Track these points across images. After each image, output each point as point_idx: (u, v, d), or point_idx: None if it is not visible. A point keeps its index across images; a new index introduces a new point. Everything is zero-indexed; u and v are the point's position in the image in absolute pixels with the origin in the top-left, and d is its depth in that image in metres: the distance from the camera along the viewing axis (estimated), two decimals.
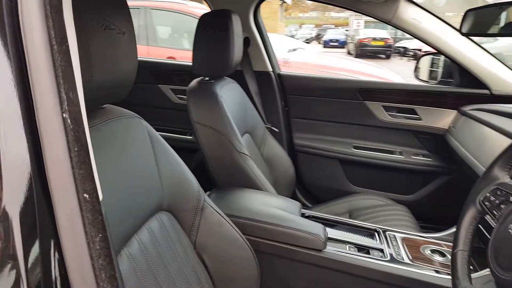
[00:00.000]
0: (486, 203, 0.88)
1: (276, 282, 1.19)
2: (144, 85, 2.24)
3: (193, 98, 1.42)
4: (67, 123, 0.37)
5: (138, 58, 2.36)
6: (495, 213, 0.84)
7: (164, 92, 2.22)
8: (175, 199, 0.97)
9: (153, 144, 0.94)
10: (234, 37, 1.47)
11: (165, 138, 2.24)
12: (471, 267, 0.87)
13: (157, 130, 2.27)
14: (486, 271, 0.96)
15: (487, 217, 0.91)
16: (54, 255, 0.38)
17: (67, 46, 0.39)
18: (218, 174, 1.46)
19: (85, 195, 0.38)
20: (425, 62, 2.07)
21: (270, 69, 2.05)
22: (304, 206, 2.06)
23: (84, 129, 0.39)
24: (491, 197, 0.87)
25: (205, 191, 1.38)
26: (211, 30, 1.45)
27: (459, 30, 1.40)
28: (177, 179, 0.99)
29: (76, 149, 0.37)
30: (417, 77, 2.02)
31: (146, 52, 4.50)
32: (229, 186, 1.42)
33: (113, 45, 0.72)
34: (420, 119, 1.87)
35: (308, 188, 2.14)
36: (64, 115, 0.37)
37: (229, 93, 1.57)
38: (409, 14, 1.64)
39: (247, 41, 1.99)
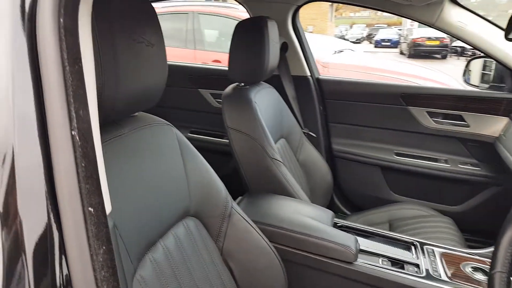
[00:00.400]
0: None
1: None
2: (185, 90, 2.30)
3: (227, 103, 1.44)
4: (76, 139, 0.39)
5: (180, 64, 2.45)
6: None
7: (204, 96, 2.27)
8: (203, 205, 0.99)
9: (182, 150, 0.97)
10: (269, 43, 1.47)
11: (204, 141, 2.31)
12: None
13: (197, 133, 2.35)
14: None
15: None
16: (61, 265, 0.40)
17: (80, 67, 0.42)
18: (250, 180, 1.47)
19: (90, 208, 0.40)
20: (476, 65, 1.94)
21: (308, 73, 2.02)
22: (342, 213, 2.02)
23: (93, 145, 0.42)
24: None
25: (239, 196, 1.40)
26: (247, 37, 1.46)
27: (505, 36, 1.30)
28: (205, 185, 1.00)
29: (83, 164, 0.40)
30: (466, 81, 1.91)
31: (193, 55, 4.62)
32: (261, 192, 1.43)
33: (141, 57, 0.75)
34: (467, 126, 1.76)
35: (347, 195, 2.09)
36: (73, 132, 0.39)
37: (264, 98, 1.57)
38: (454, 16, 1.55)
39: (285, 46, 1.98)
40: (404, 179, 1.94)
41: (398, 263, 1.15)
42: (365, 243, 1.23)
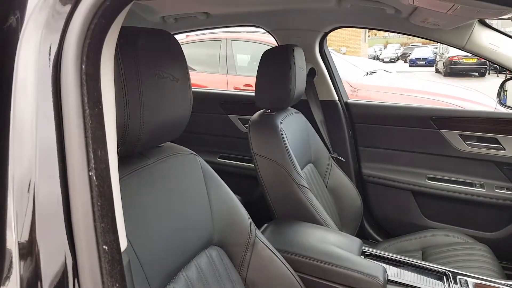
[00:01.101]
0: None
1: None
2: (215, 115, 2.37)
3: (254, 130, 1.48)
4: (93, 179, 0.42)
5: (212, 91, 2.53)
6: None
7: (233, 121, 2.32)
8: (226, 233, 1.00)
9: (206, 179, 0.99)
10: (295, 70, 1.50)
11: (233, 166, 2.35)
12: None
13: (226, 158, 2.39)
14: None
15: None
16: None
17: (100, 109, 0.45)
18: (276, 206, 1.47)
19: (104, 246, 0.41)
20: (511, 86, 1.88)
21: (336, 98, 2.03)
22: (373, 240, 1.97)
23: (110, 183, 0.44)
24: None
25: (266, 222, 1.41)
26: (273, 65, 1.50)
27: None
28: (229, 214, 1.01)
29: (99, 203, 0.42)
30: (501, 102, 1.84)
31: (225, 80, 4.75)
32: (287, 219, 1.43)
33: (165, 92, 0.79)
34: (503, 149, 1.69)
35: (378, 221, 2.04)
36: (90, 173, 0.42)
37: (291, 124, 1.59)
38: (485, 39, 1.53)
39: (313, 72, 2.01)
40: (437, 204, 1.88)
41: None
42: (394, 273, 1.20)
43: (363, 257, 1.24)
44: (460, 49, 1.60)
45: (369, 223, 2.03)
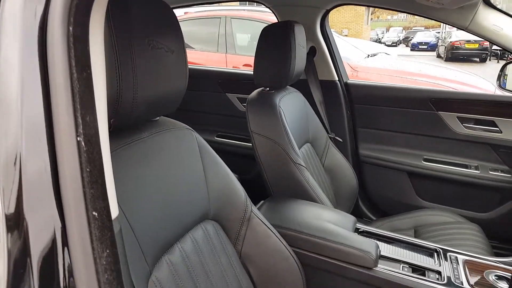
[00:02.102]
0: None
1: None
2: (214, 94, 2.36)
3: (251, 108, 1.48)
4: (81, 145, 0.41)
5: (210, 69, 2.50)
6: None
7: (231, 100, 2.32)
8: (222, 208, 1.01)
9: (202, 155, 1.00)
10: (295, 48, 1.49)
11: (230, 145, 2.35)
12: None
13: (223, 137, 2.39)
14: None
15: None
16: (65, 268, 0.42)
17: (89, 74, 0.44)
18: (273, 184, 1.49)
19: (94, 213, 0.41)
20: None
21: (336, 78, 2.02)
22: (367, 219, 2.00)
23: (99, 150, 0.43)
24: None
25: (262, 200, 1.43)
26: (273, 42, 1.49)
27: None
28: (225, 189, 1.02)
29: (88, 169, 0.41)
30: (501, 86, 1.84)
31: (224, 60, 4.70)
32: (283, 196, 1.44)
33: (160, 63, 0.78)
34: (500, 132, 1.71)
35: (373, 201, 2.07)
36: (78, 139, 0.41)
37: (289, 103, 1.59)
38: (489, 20, 1.51)
39: (313, 50, 2.00)
40: (432, 185, 1.91)
41: (419, 270, 1.14)
42: (386, 249, 1.22)
43: (357, 234, 1.26)
44: (463, 29, 1.59)
45: (364, 202, 2.06)
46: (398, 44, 27.25)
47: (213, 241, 0.97)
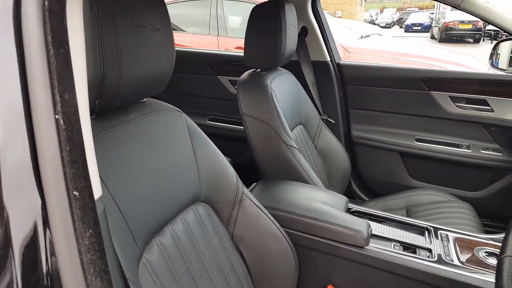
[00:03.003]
0: None
1: (315, 277, 1.19)
2: (204, 77, 2.33)
3: (242, 89, 1.46)
4: (60, 123, 0.39)
5: (200, 51, 2.45)
6: None
7: (223, 83, 2.29)
8: (213, 191, 1.01)
9: (192, 137, 0.98)
10: (286, 27, 1.46)
11: (223, 128, 2.33)
12: None
13: (216, 120, 2.37)
14: None
15: None
16: (46, 250, 0.41)
17: (66, 50, 0.42)
18: (265, 167, 1.48)
19: (75, 192, 0.40)
20: (505, 48, 1.87)
21: (328, 58, 2.00)
22: (360, 199, 2.01)
23: (79, 129, 0.42)
24: None
25: (255, 183, 1.43)
26: (262, 21, 1.46)
27: None
28: (215, 171, 1.02)
29: (68, 148, 0.39)
30: (493, 65, 1.84)
31: (215, 43, 4.64)
32: (275, 178, 1.44)
33: (145, 43, 0.76)
34: (491, 111, 1.71)
35: (365, 182, 2.08)
36: (56, 116, 0.39)
37: (281, 85, 1.58)
38: None
39: (305, 31, 1.97)
40: (423, 165, 1.91)
41: (410, 248, 1.15)
42: (377, 228, 1.23)
43: (348, 213, 1.27)
44: (455, 7, 1.56)
45: (356, 183, 2.07)
46: (392, 26, 27.11)
47: (205, 223, 0.96)
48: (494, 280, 0.96)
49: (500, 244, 1.12)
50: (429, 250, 1.12)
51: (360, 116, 2.03)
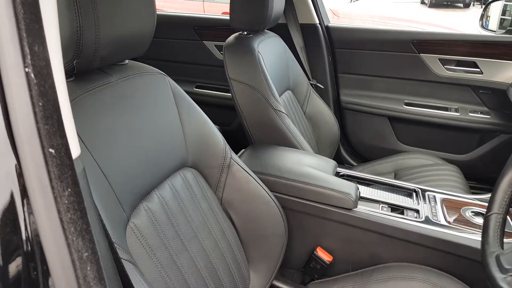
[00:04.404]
0: None
1: (304, 240, 1.20)
2: (189, 42, 2.26)
3: (229, 53, 1.42)
4: (30, 77, 0.37)
5: (184, 15, 2.35)
6: None
7: (209, 48, 2.23)
8: (201, 156, 0.99)
9: (177, 100, 0.95)
10: None
11: (211, 95, 2.29)
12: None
13: (203, 87, 2.32)
14: None
15: None
16: (25, 214, 0.40)
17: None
18: (253, 133, 1.46)
19: (50, 150, 0.38)
20: (495, 9, 1.84)
21: (317, 21, 1.95)
22: (349, 165, 2.02)
23: (52, 84, 0.39)
24: None
25: (243, 149, 1.41)
26: None
27: None
28: (203, 136, 1.00)
29: (40, 104, 0.37)
30: (483, 26, 1.81)
31: (201, 9, 4.50)
32: (264, 144, 1.43)
33: (125, 1, 0.72)
34: (480, 73, 1.70)
35: (354, 147, 2.08)
36: (26, 70, 0.37)
37: (268, 48, 1.53)
38: None
39: None
40: (412, 129, 1.92)
41: (398, 209, 1.16)
42: (366, 191, 1.24)
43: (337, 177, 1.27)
44: None
45: (345, 148, 2.07)
46: None
47: (193, 188, 0.96)
48: (480, 238, 0.98)
49: (486, 204, 1.14)
50: (417, 211, 1.14)
51: (349, 81, 2.01)
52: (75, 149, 0.44)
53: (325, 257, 1.17)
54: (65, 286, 0.41)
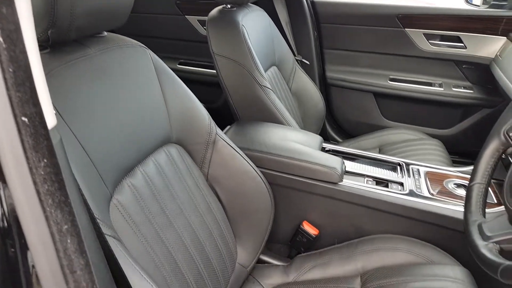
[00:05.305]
0: (511, 134, 0.81)
1: (291, 214, 1.21)
2: (171, 17, 2.19)
3: (212, 27, 1.38)
4: None
5: None
6: None
7: (192, 23, 2.17)
8: (185, 132, 0.97)
9: (159, 75, 0.93)
10: None
11: (194, 72, 2.25)
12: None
13: (186, 64, 2.27)
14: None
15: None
16: (1, 190, 0.38)
17: None
18: (239, 109, 1.44)
19: (23, 118, 0.36)
20: None
21: None
22: (334, 141, 2.03)
23: (23, 49, 0.37)
24: None
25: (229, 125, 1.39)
26: None
27: None
28: (186, 112, 0.97)
29: (11, 70, 0.35)
30: (467, 1, 1.81)
31: None
32: (249, 120, 1.41)
33: None
34: (464, 48, 1.70)
35: (339, 123, 2.09)
36: None
37: (253, 22, 1.50)
38: None
39: None
40: (397, 105, 1.93)
41: (383, 183, 1.17)
42: (351, 166, 1.24)
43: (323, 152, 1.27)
44: None
45: (330, 125, 2.07)
46: None
47: (178, 164, 0.94)
48: (462, 209, 1.00)
49: (468, 176, 1.16)
50: (401, 184, 1.15)
51: (335, 57, 1.99)
52: (50, 119, 0.42)
53: (311, 230, 1.18)
54: (44, 261, 0.39)
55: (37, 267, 0.40)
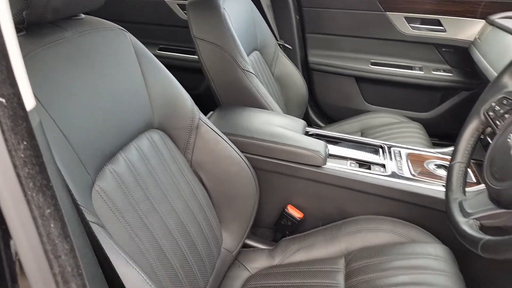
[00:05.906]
0: (490, 113, 0.82)
1: (275, 198, 1.22)
2: (149, 1, 2.14)
3: (193, 11, 1.35)
4: None
5: None
6: (498, 123, 0.79)
7: (171, 7, 2.12)
8: (168, 117, 0.95)
9: (140, 59, 0.90)
10: None
11: (175, 58, 2.20)
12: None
13: (166, 50, 2.22)
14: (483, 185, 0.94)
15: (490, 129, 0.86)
16: None
17: None
18: (221, 94, 1.43)
19: (1, 99, 0.35)
20: None
21: None
22: (316, 126, 2.04)
23: None
24: (496, 106, 0.81)
25: (212, 111, 1.38)
26: None
27: None
28: (169, 97, 0.96)
29: None
30: None
31: None
32: (232, 105, 1.40)
33: None
34: (444, 31, 1.72)
35: (322, 108, 2.10)
36: None
37: (235, 6, 1.48)
38: None
39: None
40: (378, 89, 1.95)
41: (365, 165, 1.19)
42: (334, 149, 1.25)
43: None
44: None
45: (313, 110, 2.08)
46: None
47: (161, 150, 0.93)
48: (442, 189, 1.03)
49: (448, 157, 1.18)
50: (383, 166, 1.17)
51: (317, 41, 1.99)
52: (29, 101, 0.40)
53: (296, 214, 1.19)
54: (27, 245, 0.38)
55: (20, 254, 0.38)
